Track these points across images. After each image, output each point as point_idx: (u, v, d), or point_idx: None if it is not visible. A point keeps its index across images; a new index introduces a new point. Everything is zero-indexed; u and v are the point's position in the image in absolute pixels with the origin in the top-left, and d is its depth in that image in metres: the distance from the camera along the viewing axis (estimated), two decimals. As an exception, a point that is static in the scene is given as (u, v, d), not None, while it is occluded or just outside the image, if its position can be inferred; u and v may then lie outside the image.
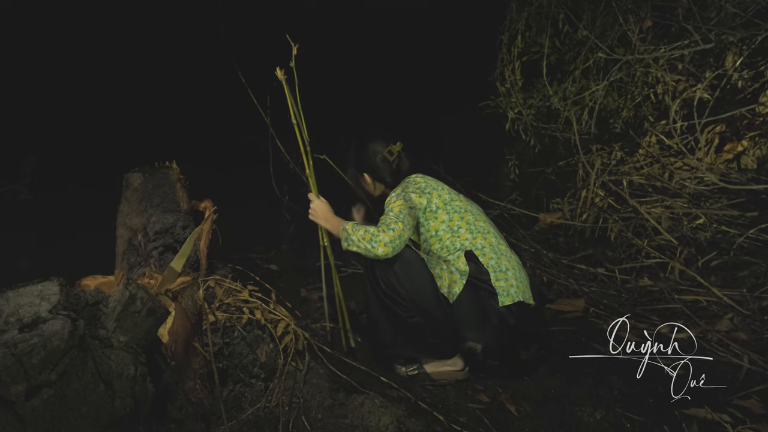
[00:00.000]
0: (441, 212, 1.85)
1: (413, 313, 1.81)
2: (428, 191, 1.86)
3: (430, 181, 1.93)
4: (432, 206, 1.85)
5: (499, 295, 1.79)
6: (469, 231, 1.85)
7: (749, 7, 2.49)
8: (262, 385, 1.77)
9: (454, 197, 1.90)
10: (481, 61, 3.71)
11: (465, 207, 1.89)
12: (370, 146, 2.05)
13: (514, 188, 3.65)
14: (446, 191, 1.90)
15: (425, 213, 1.85)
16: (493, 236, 1.88)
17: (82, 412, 1.26)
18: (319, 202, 1.97)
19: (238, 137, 4.05)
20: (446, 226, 1.85)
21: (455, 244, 1.83)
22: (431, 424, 1.67)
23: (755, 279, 2.39)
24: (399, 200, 1.83)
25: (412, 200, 1.84)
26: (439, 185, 1.92)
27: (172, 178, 2.13)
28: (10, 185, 3.58)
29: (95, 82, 3.92)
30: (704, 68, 2.86)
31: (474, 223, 1.87)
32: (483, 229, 1.87)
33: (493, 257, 1.82)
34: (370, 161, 2.04)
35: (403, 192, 1.87)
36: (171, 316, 1.63)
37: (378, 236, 1.74)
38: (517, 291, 1.81)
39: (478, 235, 1.85)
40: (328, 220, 1.95)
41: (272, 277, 2.57)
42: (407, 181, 1.94)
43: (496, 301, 1.79)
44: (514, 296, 1.80)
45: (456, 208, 1.87)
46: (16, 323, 1.26)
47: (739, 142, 2.83)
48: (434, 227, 1.85)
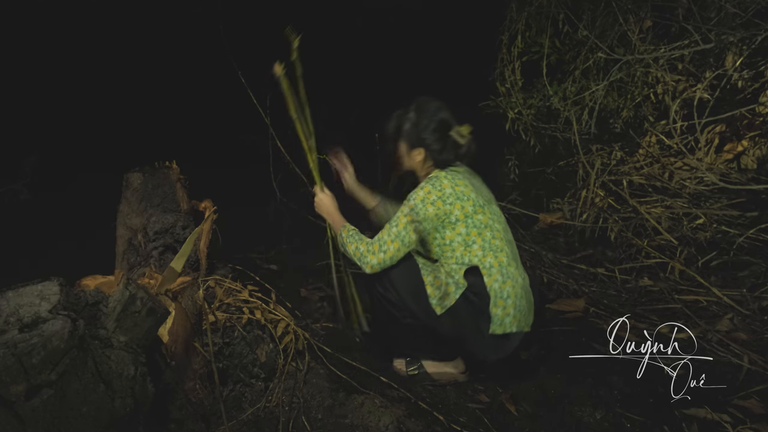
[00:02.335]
0: (460, 224, 1.75)
1: (406, 314, 1.81)
2: (450, 201, 1.74)
3: (458, 186, 1.76)
4: (452, 218, 1.75)
5: (492, 322, 1.75)
6: (482, 248, 1.77)
7: (749, 7, 2.49)
8: (262, 385, 1.77)
9: (478, 210, 1.76)
10: (481, 61, 3.70)
11: (486, 222, 1.77)
12: (438, 121, 1.82)
13: (514, 188, 3.65)
14: (471, 203, 1.75)
15: (443, 222, 1.76)
16: (506, 255, 1.79)
17: (82, 412, 1.26)
18: (323, 195, 1.98)
19: (238, 137, 4.05)
20: (462, 239, 1.77)
21: (464, 258, 1.77)
22: (431, 424, 1.67)
23: (755, 279, 2.39)
24: (409, 216, 1.74)
25: (427, 214, 1.73)
26: (465, 193, 1.76)
27: (172, 178, 2.13)
28: (10, 185, 3.58)
29: (95, 82, 3.91)
30: (704, 68, 2.86)
31: (490, 240, 1.77)
32: (496, 248, 1.77)
33: (499, 279, 1.75)
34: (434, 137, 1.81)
35: (421, 203, 1.75)
36: (171, 316, 1.63)
37: (366, 257, 1.78)
38: (512, 321, 1.76)
39: (489, 253, 1.77)
40: (330, 214, 1.97)
41: (272, 277, 2.56)
42: (433, 181, 1.78)
43: (487, 327, 1.76)
44: (507, 326, 1.75)
45: (476, 223, 1.76)
46: (16, 323, 1.26)
47: (739, 142, 2.83)
48: (450, 237, 1.77)
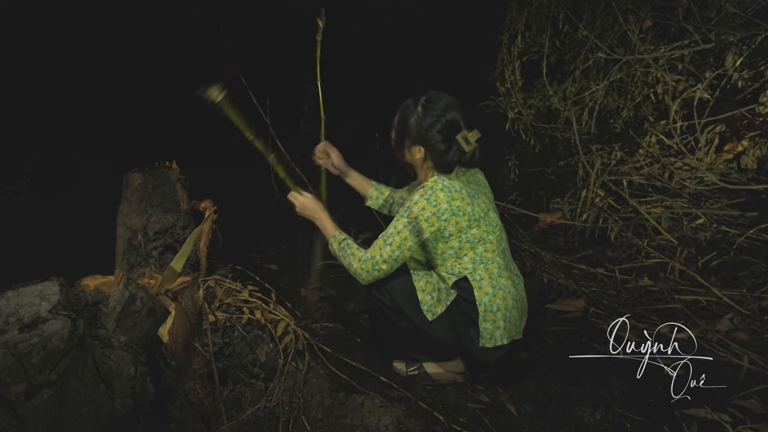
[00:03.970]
0: (453, 239, 1.73)
1: (401, 317, 1.81)
2: (445, 218, 1.67)
3: (454, 201, 1.67)
4: (445, 233, 1.71)
5: (481, 336, 1.75)
6: (473, 261, 1.75)
7: (749, 7, 2.49)
8: (262, 385, 1.77)
9: (473, 224, 1.70)
10: (481, 61, 3.70)
11: (480, 236, 1.73)
12: (446, 122, 1.70)
13: (514, 188, 3.65)
14: (466, 218, 1.69)
15: (436, 236, 1.72)
16: (497, 266, 1.76)
17: (82, 412, 1.26)
18: (302, 198, 1.88)
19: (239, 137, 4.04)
20: (453, 252, 1.75)
21: (455, 269, 1.77)
22: (431, 424, 1.67)
23: (755, 279, 2.39)
24: (403, 233, 1.68)
25: (422, 232, 1.69)
26: (461, 208, 1.68)
27: (172, 178, 2.13)
28: (10, 185, 3.58)
29: (95, 82, 3.91)
30: (704, 68, 2.86)
31: (482, 254, 1.75)
32: (488, 260, 1.75)
33: (489, 292, 1.74)
34: (438, 139, 1.70)
35: (415, 220, 1.68)
36: (171, 316, 1.63)
37: (361, 275, 1.77)
38: (503, 333, 1.75)
39: (480, 266, 1.75)
40: (315, 213, 1.88)
41: (272, 277, 2.56)
42: (428, 194, 1.68)
43: (477, 341, 1.76)
44: (497, 340, 1.75)
45: (469, 238, 1.72)
46: (16, 323, 1.26)
47: (739, 142, 2.83)
48: (442, 249, 1.76)
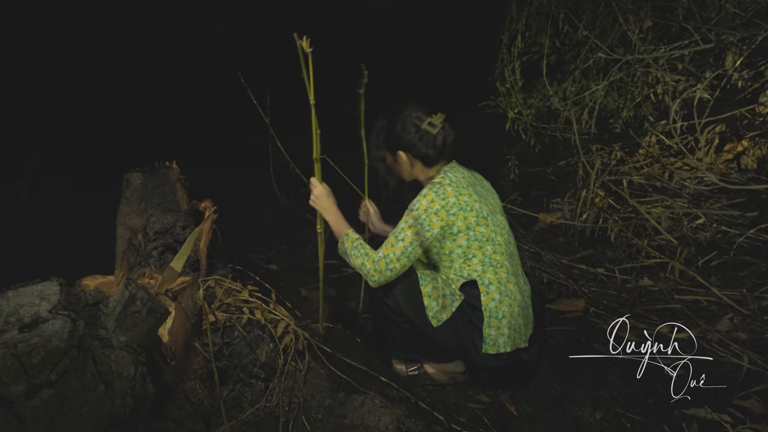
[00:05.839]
0: (461, 236, 1.70)
1: (404, 319, 1.81)
2: (454, 212, 1.68)
3: (461, 196, 1.70)
4: (453, 229, 1.69)
5: (485, 342, 1.74)
6: (482, 263, 1.73)
7: (749, 7, 2.49)
8: (262, 385, 1.77)
9: (481, 221, 1.70)
10: (481, 61, 3.71)
11: (488, 235, 1.72)
12: (408, 118, 1.78)
13: (514, 188, 3.65)
14: (474, 213, 1.70)
15: (445, 233, 1.71)
16: (506, 271, 1.75)
17: (82, 412, 1.25)
18: (321, 188, 1.85)
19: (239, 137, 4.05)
20: (462, 251, 1.73)
21: (463, 271, 1.75)
22: (431, 424, 1.67)
23: (755, 279, 2.39)
24: (414, 228, 1.68)
25: (432, 226, 1.68)
26: (468, 203, 1.70)
27: (172, 178, 2.13)
28: (10, 185, 3.58)
29: (95, 82, 3.91)
30: (704, 68, 2.86)
31: (491, 255, 1.72)
32: (497, 263, 1.73)
33: (496, 298, 1.72)
34: (408, 135, 1.77)
35: (425, 213, 1.69)
36: (171, 316, 1.63)
37: (374, 276, 1.74)
38: (507, 341, 1.74)
39: (489, 268, 1.73)
40: (328, 211, 1.85)
41: (272, 277, 2.56)
42: (436, 188, 1.71)
43: (481, 346, 1.76)
44: (501, 347, 1.74)
45: (478, 236, 1.70)
46: (16, 323, 1.26)
47: (739, 142, 2.83)
48: (450, 248, 1.74)
